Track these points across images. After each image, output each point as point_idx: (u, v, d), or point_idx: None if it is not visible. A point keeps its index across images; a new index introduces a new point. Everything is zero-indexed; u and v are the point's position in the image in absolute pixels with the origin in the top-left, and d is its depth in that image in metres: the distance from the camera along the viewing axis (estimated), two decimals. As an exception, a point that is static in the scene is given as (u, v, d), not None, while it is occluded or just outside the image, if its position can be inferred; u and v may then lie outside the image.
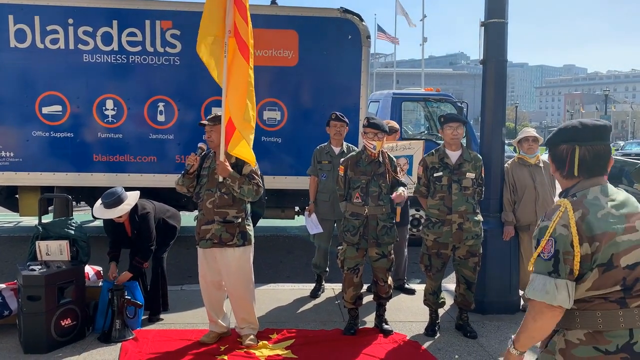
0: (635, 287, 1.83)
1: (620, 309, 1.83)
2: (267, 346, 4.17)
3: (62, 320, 4.10)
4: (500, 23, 5.01)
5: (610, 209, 1.86)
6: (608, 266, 1.81)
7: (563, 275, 1.83)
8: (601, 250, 1.81)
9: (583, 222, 1.83)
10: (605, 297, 1.84)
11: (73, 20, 6.94)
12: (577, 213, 1.85)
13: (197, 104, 7.19)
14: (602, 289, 1.83)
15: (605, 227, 1.82)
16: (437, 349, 4.24)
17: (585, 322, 1.85)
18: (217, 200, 4.06)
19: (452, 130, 4.45)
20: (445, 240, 4.42)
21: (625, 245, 1.82)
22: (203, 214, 4.12)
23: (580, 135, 1.96)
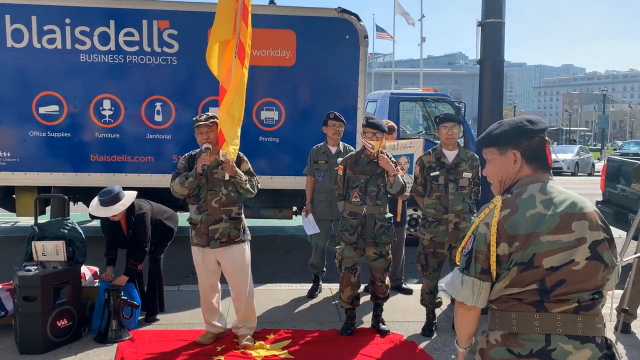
0: (555, 291, 1.74)
1: (535, 312, 1.76)
2: (264, 346, 4.16)
3: (58, 320, 4.09)
4: (497, 23, 5.01)
5: (542, 208, 1.79)
6: (528, 265, 1.75)
7: (472, 273, 1.82)
8: (521, 250, 1.75)
9: (507, 221, 1.78)
10: (520, 299, 1.78)
11: (70, 20, 6.92)
12: (505, 211, 1.80)
13: (194, 104, 7.18)
14: (518, 286, 1.77)
15: (530, 227, 1.76)
16: (434, 349, 4.24)
17: (502, 323, 1.81)
18: (224, 198, 4.08)
19: (447, 130, 4.46)
20: (441, 239, 4.42)
21: (550, 246, 1.75)
22: (208, 214, 4.06)
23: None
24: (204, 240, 4.09)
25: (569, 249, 1.75)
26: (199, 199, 4.10)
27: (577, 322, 1.75)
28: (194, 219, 4.14)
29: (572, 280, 1.74)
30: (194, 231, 4.15)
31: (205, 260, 4.15)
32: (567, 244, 1.75)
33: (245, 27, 4.15)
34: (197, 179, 4.03)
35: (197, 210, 4.11)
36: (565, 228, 1.76)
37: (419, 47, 32.10)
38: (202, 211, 4.09)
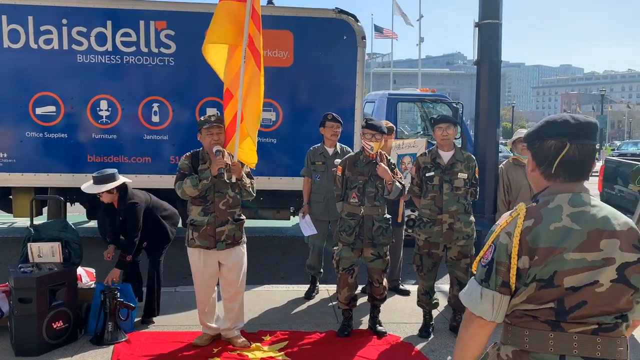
0: (574, 313, 1.61)
1: (550, 331, 1.63)
2: (261, 348, 4.16)
3: (54, 322, 4.07)
4: (494, 24, 5.02)
5: (569, 221, 1.63)
6: (547, 283, 1.62)
7: (492, 286, 1.69)
8: (540, 265, 1.62)
9: (530, 232, 1.64)
10: (535, 317, 1.65)
11: (67, 21, 6.90)
12: (528, 222, 1.66)
13: (191, 105, 7.17)
14: (534, 303, 1.64)
15: (552, 242, 1.62)
16: (431, 351, 4.23)
17: (514, 338, 1.69)
18: (231, 200, 4.10)
19: (441, 131, 4.46)
20: (435, 240, 4.42)
21: (574, 265, 1.60)
22: (216, 216, 4.06)
23: (572, 131, 1.71)
24: (210, 242, 4.06)
25: (593, 269, 1.60)
26: (206, 201, 4.07)
27: (596, 344, 1.61)
28: (197, 220, 4.08)
29: (594, 303, 1.61)
30: (196, 233, 4.07)
31: (207, 262, 4.11)
32: (592, 263, 1.61)
33: (258, 33, 4.18)
34: (211, 182, 4.01)
35: (203, 212, 4.07)
36: (593, 246, 1.61)
37: (418, 47, 32.16)
38: (209, 213, 4.06)
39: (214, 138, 4.07)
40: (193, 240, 4.11)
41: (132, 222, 4.51)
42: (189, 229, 4.14)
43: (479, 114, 5.17)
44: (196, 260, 4.15)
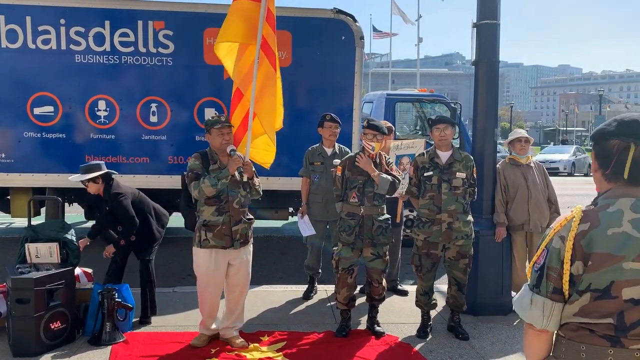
0: (636, 330, 1.49)
1: (610, 347, 1.52)
2: (259, 349, 4.15)
3: (52, 323, 4.07)
4: (492, 24, 5.01)
5: (630, 228, 1.51)
6: (604, 293, 1.51)
7: (543, 292, 1.60)
8: (593, 272, 1.52)
9: (585, 236, 1.54)
10: (593, 331, 1.54)
11: (65, 21, 6.90)
12: (584, 225, 1.55)
13: (190, 105, 7.17)
14: (590, 317, 1.54)
15: (610, 248, 1.50)
16: (429, 351, 4.23)
17: (568, 353, 1.59)
18: (243, 199, 4.15)
19: (439, 132, 4.47)
20: (434, 239, 4.42)
21: (633, 275, 1.48)
22: (230, 215, 4.06)
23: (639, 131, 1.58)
24: (226, 242, 4.06)
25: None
26: (220, 201, 4.06)
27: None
28: (212, 220, 4.05)
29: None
30: (210, 233, 4.03)
31: (218, 262, 4.09)
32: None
33: (273, 34, 4.20)
34: (230, 181, 4.04)
35: (217, 212, 4.05)
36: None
37: (416, 47, 32.15)
38: (224, 212, 4.05)
39: (225, 138, 4.09)
40: (207, 241, 4.04)
41: (120, 211, 4.55)
42: (201, 230, 4.06)
43: (477, 114, 5.16)
44: (207, 261, 4.07)
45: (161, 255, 7.43)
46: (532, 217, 5.00)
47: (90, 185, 4.58)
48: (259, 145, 4.37)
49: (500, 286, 5.05)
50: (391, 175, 4.39)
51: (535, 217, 5.01)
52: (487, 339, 4.50)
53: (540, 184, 5.09)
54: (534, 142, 5.22)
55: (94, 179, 4.56)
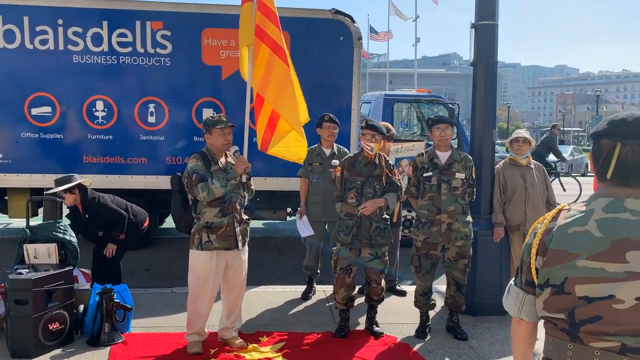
0: (585, 327, 1.49)
1: (569, 341, 1.53)
2: (258, 349, 4.15)
3: (50, 324, 4.06)
4: (490, 25, 5.02)
5: (595, 227, 1.52)
6: (559, 289, 1.53)
7: (518, 283, 1.70)
8: (549, 268, 1.55)
9: (549, 233, 1.59)
10: (555, 323, 1.58)
11: (63, 21, 6.88)
12: (552, 223, 1.61)
13: (188, 105, 7.16)
14: (550, 312, 1.57)
15: (566, 245, 1.53)
16: (428, 351, 4.24)
17: (545, 346, 1.63)
18: (243, 200, 4.17)
19: (440, 132, 4.47)
20: (434, 240, 4.43)
21: (585, 273, 1.49)
22: (234, 216, 4.04)
23: (627, 129, 1.57)
24: (231, 243, 4.03)
25: (611, 282, 1.46)
26: (224, 202, 4.00)
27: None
28: (216, 222, 3.98)
29: (610, 320, 1.46)
30: (213, 235, 3.97)
31: (219, 264, 4.05)
32: (611, 274, 1.46)
33: (279, 32, 4.23)
34: (238, 182, 4.06)
35: (221, 213, 3.99)
36: (616, 256, 1.47)
37: (414, 47, 32.18)
38: (227, 213, 4.01)
39: (227, 138, 4.06)
40: (209, 243, 3.97)
41: (108, 211, 4.89)
42: (203, 232, 3.97)
43: (475, 114, 5.17)
44: (207, 263, 4.00)
45: (159, 256, 7.46)
46: (528, 218, 5.01)
47: (67, 196, 4.80)
48: (288, 143, 4.36)
49: (499, 286, 5.05)
50: (393, 184, 4.40)
51: (532, 218, 5.01)
52: (485, 339, 4.51)
53: (539, 185, 5.09)
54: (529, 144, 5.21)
55: (70, 189, 4.79)
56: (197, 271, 4.04)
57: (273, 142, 4.30)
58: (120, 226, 4.98)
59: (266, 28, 4.21)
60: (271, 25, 4.19)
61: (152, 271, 6.85)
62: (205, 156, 4.06)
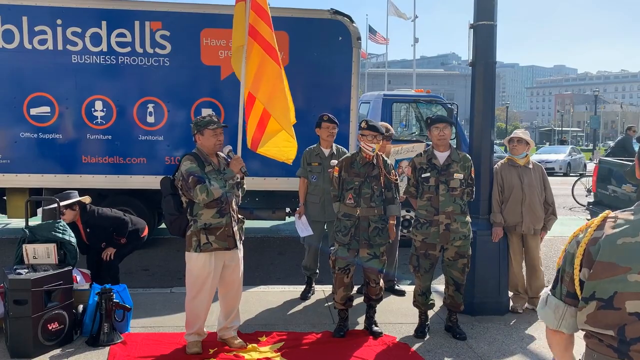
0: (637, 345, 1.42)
1: (617, 358, 1.47)
2: (257, 349, 4.15)
3: (50, 324, 4.06)
4: (489, 25, 5.02)
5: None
6: (607, 304, 1.46)
7: (558, 294, 1.62)
8: (596, 281, 1.49)
9: (595, 243, 1.51)
10: (601, 340, 1.51)
11: (61, 21, 6.88)
12: (598, 232, 1.52)
13: (187, 105, 7.16)
14: (596, 327, 1.50)
15: (615, 258, 1.45)
16: (427, 351, 4.24)
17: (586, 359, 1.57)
18: (238, 200, 4.19)
19: (438, 131, 4.48)
20: (432, 240, 4.44)
21: (638, 288, 1.42)
22: (231, 216, 4.04)
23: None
24: (230, 243, 4.03)
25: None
26: (221, 202, 3.99)
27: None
28: (214, 223, 3.96)
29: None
30: (212, 236, 3.95)
31: (217, 265, 4.04)
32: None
33: (271, 31, 4.25)
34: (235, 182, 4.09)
35: (219, 214, 3.98)
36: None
37: (412, 47, 32.21)
38: (225, 214, 4.00)
39: (219, 139, 4.05)
40: (208, 244, 3.94)
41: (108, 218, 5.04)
42: (201, 234, 3.94)
43: (474, 115, 5.18)
44: (207, 265, 3.98)
45: (158, 256, 7.46)
46: (525, 219, 5.02)
47: (67, 212, 4.88)
48: (278, 143, 4.40)
49: (497, 286, 5.06)
50: (390, 185, 4.44)
51: (528, 219, 5.03)
52: (484, 338, 4.52)
53: (536, 185, 5.09)
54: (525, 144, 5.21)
55: (71, 205, 4.89)
56: (196, 273, 4.01)
57: (263, 141, 4.33)
58: (122, 229, 5.08)
59: (259, 28, 4.23)
60: (264, 24, 4.22)
61: (151, 271, 6.85)
62: (198, 157, 4.01)
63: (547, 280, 6.44)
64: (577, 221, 10.92)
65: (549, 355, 4.21)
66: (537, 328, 4.78)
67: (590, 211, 8.23)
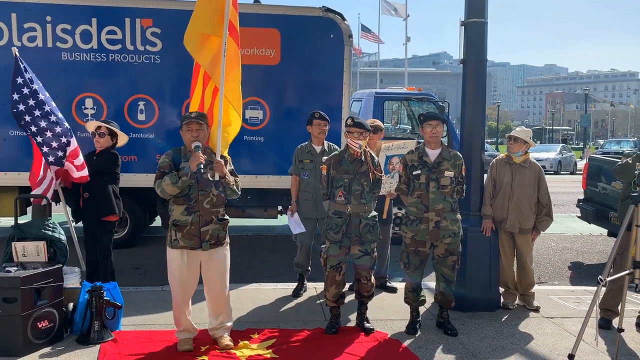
0: None
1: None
2: (248, 346, 4.15)
3: (39, 322, 4.03)
4: (480, 23, 5.04)
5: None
6: None
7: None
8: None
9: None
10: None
11: (51, 18, 6.84)
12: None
13: (178, 103, 7.14)
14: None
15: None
16: (418, 347, 4.26)
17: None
18: (215, 199, 4.03)
19: (431, 129, 4.48)
20: (422, 237, 4.45)
21: None
22: (200, 215, 3.98)
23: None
24: (195, 242, 3.97)
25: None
26: (190, 200, 3.98)
27: None
28: (181, 220, 3.96)
29: None
30: (179, 233, 3.95)
31: (190, 263, 4.03)
32: None
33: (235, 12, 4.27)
34: (190, 179, 3.93)
35: (186, 211, 3.97)
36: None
37: (404, 46, 32.24)
38: (193, 212, 3.97)
39: (193, 134, 4.01)
40: (176, 241, 3.97)
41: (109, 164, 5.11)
42: (171, 230, 3.98)
43: (464, 112, 5.20)
44: (178, 261, 4.01)
45: (149, 254, 7.44)
46: (510, 216, 5.05)
47: (106, 138, 5.09)
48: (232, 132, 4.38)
49: (488, 283, 5.09)
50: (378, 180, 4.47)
51: (513, 217, 5.05)
52: (475, 334, 4.54)
53: (528, 185, 5.09)
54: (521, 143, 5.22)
55: (112, 133, 5.12)
56: (170, 268, 4.08)
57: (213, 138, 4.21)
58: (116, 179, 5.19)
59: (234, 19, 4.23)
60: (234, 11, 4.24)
61: (142, 269, 6.83)
62: (178, 153, 4.06)
63: (537, 277, 6.50)
64: (567, 219, 11.00)
65: (539, 351, 4.25)
66: (527, 324, 4.81)
67: (580, 208, 8.28)
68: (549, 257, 8.08)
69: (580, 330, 3.51)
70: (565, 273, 7.28)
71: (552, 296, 5.65)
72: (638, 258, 3.44)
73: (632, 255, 3.47)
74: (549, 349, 4.28)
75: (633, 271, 3.43)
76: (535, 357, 4.15)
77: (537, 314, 5.08)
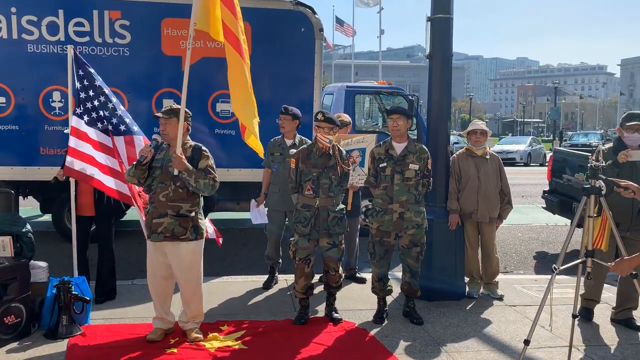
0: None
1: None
2: (218, 338, 4.20)
3: (6, 317, 4.01)
4: (445, 18, 5.15)
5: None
6: None
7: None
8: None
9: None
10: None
11: (16, 9, 6.70)
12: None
13: (147, 96, 7.09)
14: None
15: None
16: (384, 336, 4.37)
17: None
18: (172, 193, 4.02)
19: (393, 122, 4.60)
20: (386, 228, 4.56)
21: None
22: (155, 207, 4.05)
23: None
24: (148, 232, 4.11)
25: None
26: (150, 191, 4.11)
27: None
28: (147, 209, 4.18)
29: None
30: None
31: (156, 251, 4.13)
32: None
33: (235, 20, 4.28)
34: (138, 169, 4.02)
35: (149, 202, 4.15)
36: None
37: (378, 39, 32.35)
38: (151, 203, 4.11)
39: (163, 128, 4.10)
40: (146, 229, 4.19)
41: None
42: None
43: (430, 106, 5.31)
44: (150, 249, 4.16)
45: (120, 248, 7.37)
46: (480, 207, 5.20)
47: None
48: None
49: (454, 272, 5.23)
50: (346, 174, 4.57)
51: (483, 207, 5.21)
52: (440, 323, 4.67)
53: (492, 175, 5.27)
54: (493, 134, 5.38)
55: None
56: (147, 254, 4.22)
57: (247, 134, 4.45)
58: None
59: (230, 24, 4.24)
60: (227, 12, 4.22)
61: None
62: (159, 145, 4.16)
63: (502, 267, 6.69)
64: (533, 209, 11.29)
65: (501, 338, 4.40)
66: (491, 312, 4.97)
67: (545, 199, 8.52)
68: (515, 247, 8.30)
69: (535, 317, 3.64)
70: (530, 262, 7.50)
71: (515, 285, 5.84)
72: (590, 247, 3.59)
73: (584, 244, 3.62)
74: (510, 336, 4.43)
75: (585, 260, 3.58)
76: (496, 344, 4.30)
77: (501, 302, 5.25)
